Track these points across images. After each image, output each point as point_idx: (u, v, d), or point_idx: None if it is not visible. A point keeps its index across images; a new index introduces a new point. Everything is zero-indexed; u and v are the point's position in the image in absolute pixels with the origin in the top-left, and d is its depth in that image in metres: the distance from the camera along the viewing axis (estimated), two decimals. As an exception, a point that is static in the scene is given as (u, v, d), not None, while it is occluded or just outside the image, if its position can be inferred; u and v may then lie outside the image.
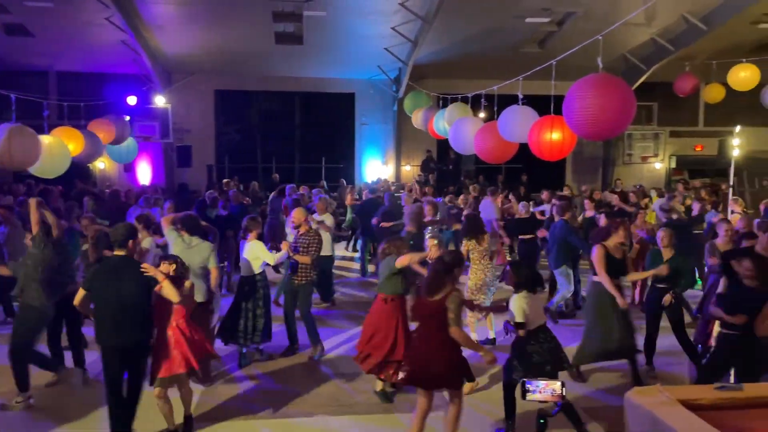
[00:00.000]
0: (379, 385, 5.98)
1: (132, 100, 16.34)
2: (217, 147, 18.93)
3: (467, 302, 4.81)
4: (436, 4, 12.49)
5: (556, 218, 8.69)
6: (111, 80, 17.10)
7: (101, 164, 17.71)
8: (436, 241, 6.85)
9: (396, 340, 5.73)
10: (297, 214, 7.22)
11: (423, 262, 6.35)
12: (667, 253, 6.65)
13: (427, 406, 4.81)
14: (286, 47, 15.72)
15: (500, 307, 5.58)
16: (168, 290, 4.79)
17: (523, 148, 8.35)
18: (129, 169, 17.89)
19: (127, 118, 13.69)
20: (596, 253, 6.20)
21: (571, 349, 6.28)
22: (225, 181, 15.14)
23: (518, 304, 5.00)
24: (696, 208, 10.30)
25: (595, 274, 6.34)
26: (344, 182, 17.13)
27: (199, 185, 17.40)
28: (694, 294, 8.93)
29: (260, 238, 7.11)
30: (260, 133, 19.95)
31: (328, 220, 9.23)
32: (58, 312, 5.97)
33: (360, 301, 9.56)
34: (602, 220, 8.77)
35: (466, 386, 5.39)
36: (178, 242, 6.24)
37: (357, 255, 12.65)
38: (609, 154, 19.60)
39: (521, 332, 4.89)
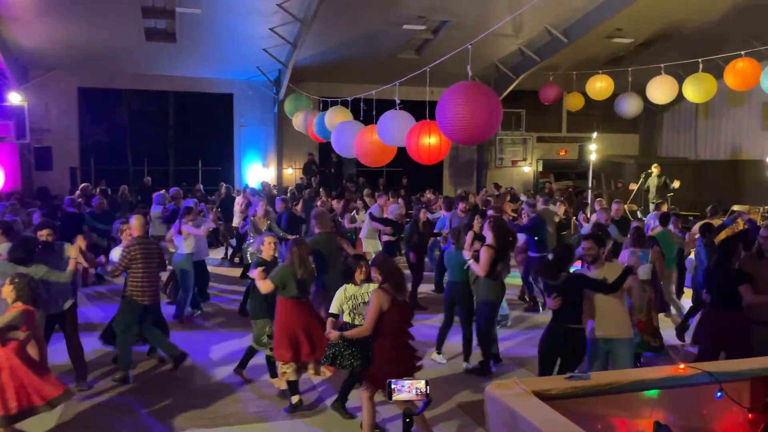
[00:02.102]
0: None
1: (-19, 97, 14.89)
2: (81, 148, 17.65)
3: None
4: (314, 7, 12.45)
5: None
6: (-44, 74, 15.45)
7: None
8: (272, 239, 6.46)
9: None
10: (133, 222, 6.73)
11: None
12: None
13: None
14: (158, 44, 15.00)
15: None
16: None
17: (404, 151, 8.53)
18: (-21, 172, 16.23)
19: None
20: None
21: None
22: (84, 185, 14.07)
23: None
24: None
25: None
26: (223, 185, 16.57)
27: (62, 189, 16.14)
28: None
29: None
30: (131, 134, 18.83)
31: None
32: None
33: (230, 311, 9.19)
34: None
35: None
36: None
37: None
38: (483, 158, 20.55)
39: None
